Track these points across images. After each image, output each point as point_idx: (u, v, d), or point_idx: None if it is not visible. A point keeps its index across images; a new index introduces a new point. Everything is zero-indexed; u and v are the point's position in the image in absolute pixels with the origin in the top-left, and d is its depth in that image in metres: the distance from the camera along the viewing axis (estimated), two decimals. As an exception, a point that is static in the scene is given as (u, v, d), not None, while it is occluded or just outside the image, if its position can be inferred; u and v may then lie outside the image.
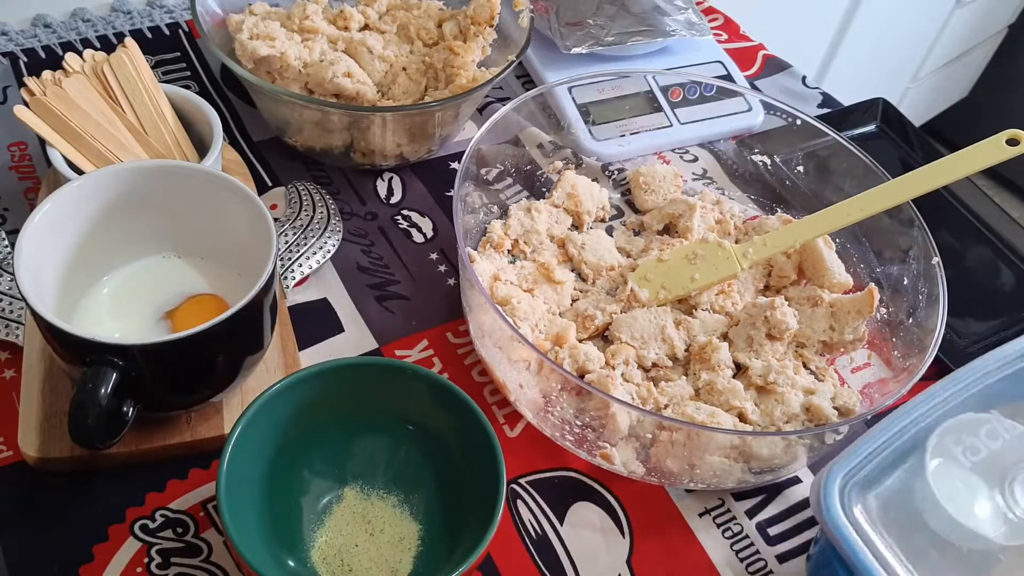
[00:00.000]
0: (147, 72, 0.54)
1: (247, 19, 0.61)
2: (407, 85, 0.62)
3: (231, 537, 0.37)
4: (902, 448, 0.41)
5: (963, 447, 0.41)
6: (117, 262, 0.48)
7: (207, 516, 0.45)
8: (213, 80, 0.69)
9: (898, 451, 0.41)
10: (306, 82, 0.60)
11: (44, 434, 0.44)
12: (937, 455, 0.41)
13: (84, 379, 0.38)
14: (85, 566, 0.42)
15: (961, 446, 0.41)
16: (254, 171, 0.62)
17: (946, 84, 1.73)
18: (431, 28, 0.65)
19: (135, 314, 0.46)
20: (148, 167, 0.46)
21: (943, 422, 0.41)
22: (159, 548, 0.43)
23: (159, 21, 0.73)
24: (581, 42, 0.71)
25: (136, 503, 0.45)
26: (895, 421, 0.41)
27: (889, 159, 0.72)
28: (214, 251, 0.48)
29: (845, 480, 0.40)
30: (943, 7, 1.47)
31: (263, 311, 0.43)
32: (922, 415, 0.41)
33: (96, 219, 0.45)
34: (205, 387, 0.44)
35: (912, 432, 0.41)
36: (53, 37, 0.70)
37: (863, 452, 0.40)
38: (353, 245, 0.59)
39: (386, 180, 0.64)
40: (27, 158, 0.60)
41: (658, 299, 0.55)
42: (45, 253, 0.43)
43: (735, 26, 0.85)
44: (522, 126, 0.65)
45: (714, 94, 0.68)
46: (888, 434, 0.41)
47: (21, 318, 0.49)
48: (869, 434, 0.41)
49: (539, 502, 0.48)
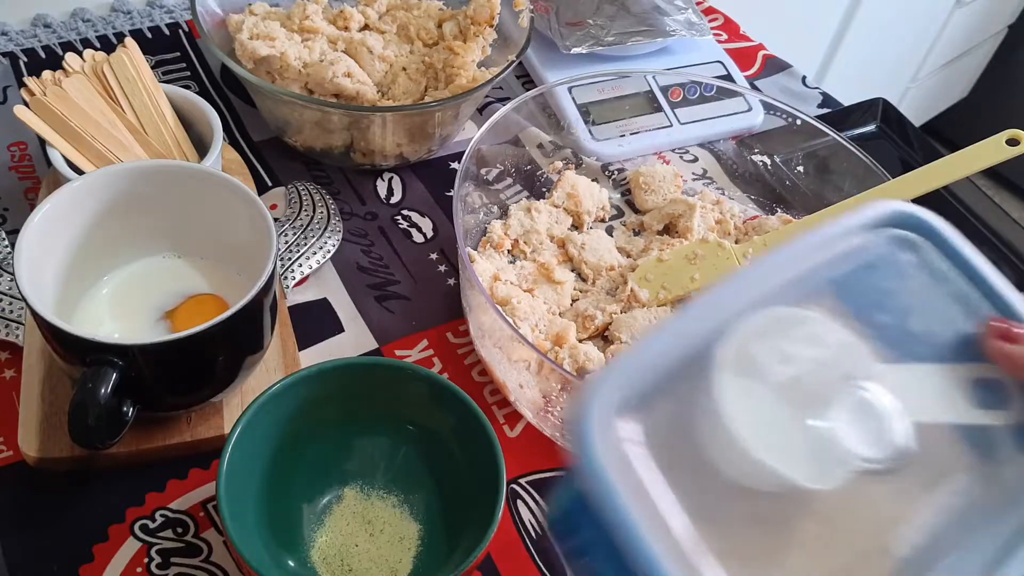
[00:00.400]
0: (147, 72, 0.54)
1: (247, 19, 0.61)
2: (407, 85, 0.62)
3: (231, 537, 0.37)
4: (690, 357, 0.29)
5: (768, 357, 0.29)
6: (117, 262, 0.48)
7: (207, 516, 0.45)
8: (213, 80, 0.69)
9: (685, 362, 0.29)
10: (306, 82, 0.60)
11: (44, 434, 0.44)
12: (732, 367, 0.29)
13: (84, 379, 0.38)
14: (85, 566, 0.42)
15: (765, 356, 0.29)
16: (254, 171, 0.62)
17: (946, 84, 1.73)
18: (431, 28, 0.65)
19: (135, 314, 0.46)
20: (148, 167, 0.46)
21: (741, 322, 0.29)
22: (159, 548, 0.43)
23: (159, 21, 0.73)
24: (581, 42, 0.71)
25: (136, 503, 0.45)
26: (682, 321, 0.29)
27: (889, 159, 0.72)
28: (214, 251, 0.48)
29: (611, 405, 0.27)
30: (943, 7, 1.47)
31: (263, 311, 0.43)
32: (715, 312, 0.29)
33: (96, 219, 0.45)
34: (205, 387, 0.44)
35: (703, 335, 0.29)
36: (53, 37, 0.70)
37: (635, 365, 0.28)
38: (353, 245, 0.59)
39: (386, 180, 0.64)
40: (27, 158, 0.60)
41: (658, 299, 0.55)
42: (45, 253, 0.43)
43: (735, 26, 0.85)
44: (522, 126, 0.65)
45: (714, 94, 0.68)
46: (671, 339, 0.29)
47: (21, 318, 0.49)
48: (647, 340, 0.29)
49: (539, 502, 0.48)
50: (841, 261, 0.31)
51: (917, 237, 0.32)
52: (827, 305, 0.31)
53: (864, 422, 0.29)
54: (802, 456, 0.28)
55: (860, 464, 0.28)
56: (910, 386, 0.30)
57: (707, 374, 0.29)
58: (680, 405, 0.29)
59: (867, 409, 0.29)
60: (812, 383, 0.29)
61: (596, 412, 0.26)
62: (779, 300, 0.30)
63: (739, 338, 0.29)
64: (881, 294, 0.32)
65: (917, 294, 0.32)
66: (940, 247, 0.32)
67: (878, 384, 0.29)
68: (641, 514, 0.25)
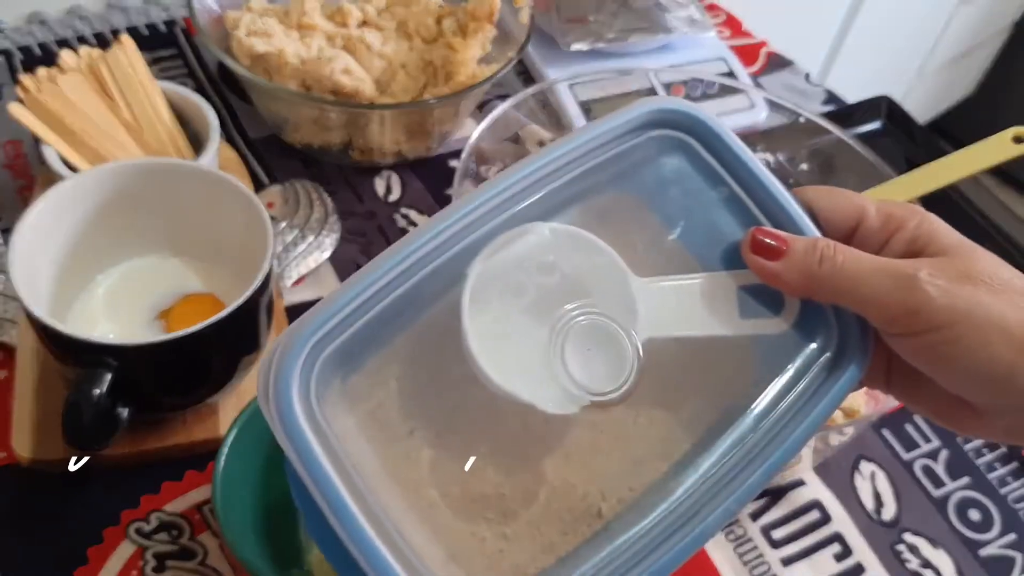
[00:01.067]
0: (143, 69, 0.53)
1: (244, 16, 0.60)
2: (406, 82, 0.62)
3: (228, 540, 0.36)
4: (415, 292, 0.26)
5: (514, 279, 0.27)
6: (112, 261, 0.47)
7: (202, 519, 0.44)
8: (210, 77, 0.68)
9: (411, 297, 0.26)
10: (304, 79, 0.59)
11: (38, 435, 0.44)
12: (477, 295, 0.26)
13: (78, 380, 0.38)
14: (79, 569, 0.42)
15: (511, 279, 0.27)
16: (251, 169, 0.62)
17: (951, 81, 1.72)
18: (430, 24, 0.64)
19: (130, 314, 0.46)
20: (144, 165, 0.45)
21: (481, 247, 0.27)
22: (154, 551, 0.43)
23: (155, 18, 0.72)
24: (582, 39, 0.70)
25: (131, 505, 0.44)
26: (402, 247, 0.26)
27: (894, 157, 0.71)
28: (210, 250, 0.48)
29: (317, 350, 0.25)
30: (947, 3, 1.47)
31: (259, 311, 0.43)
32: (447, 235, 0.26)
33: (91, 218, 0.45)
34: (200, 388, 0.44)
35: (437, 262, 0.26)
36: (49, 34, 0.69)
37: (339, 304, 0.25)
38: (351, 244, 0.58)
39: (384, 178, 0.63)
40: (22, 156, 0.60)
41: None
42: (39, 252, 0.43)
43: (737, 23, 0.84)
44: (522, 123, 0.64)
45: (717, 91, 0.67)
46: (383, 271, 0.26)
47: (15, 318, 0.49)
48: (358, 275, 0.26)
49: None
50: (602, 169, 0.29)
51: (685, 136, 0.30)
52: (585, 218, 0.28)
53: (603, 348, 0.27)
54: (541, 380, 0.26)
55: (593, 397, 0.27)
56: (667, 301, 0.28)
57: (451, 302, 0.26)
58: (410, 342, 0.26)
59: (605, 333, 0.27)
60: (553, 304, 0.27)
61: (298, 365, 0.24)
62: (534, 215, 0.27)
63: (485, 263, 0.27)
64: (646, 202, 0.29)
65: (684, 200, 0.29)
66: (709, 146, 0.30)
67: (629, 301, 0.27)
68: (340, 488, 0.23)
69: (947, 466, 0.52)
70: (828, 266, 0.27)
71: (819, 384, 0.28)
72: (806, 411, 0.27)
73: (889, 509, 0.50)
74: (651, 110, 0.29)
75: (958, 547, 0.49)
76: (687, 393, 0.28)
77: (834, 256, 0.27)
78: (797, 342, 0.28)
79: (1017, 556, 0.49)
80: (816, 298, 0.28)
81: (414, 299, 0.26)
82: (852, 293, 0.27)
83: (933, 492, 0.51)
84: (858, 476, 0.51)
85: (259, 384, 0.25)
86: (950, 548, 0.49)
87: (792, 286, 0.28)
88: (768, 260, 0.28)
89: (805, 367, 0.28)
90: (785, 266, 0.28)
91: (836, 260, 0.27)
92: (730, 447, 0.27)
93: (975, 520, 0.50)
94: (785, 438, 0.27)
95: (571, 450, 0.27)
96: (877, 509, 0.50)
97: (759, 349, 0.28)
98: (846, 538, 0.48)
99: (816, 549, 0.48)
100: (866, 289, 0.26)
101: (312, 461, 0.24)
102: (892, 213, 0.28)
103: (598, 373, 0.27)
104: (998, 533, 0.50)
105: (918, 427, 0.54)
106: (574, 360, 0.27)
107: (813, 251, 0.27)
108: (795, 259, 0.27)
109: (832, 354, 0.28)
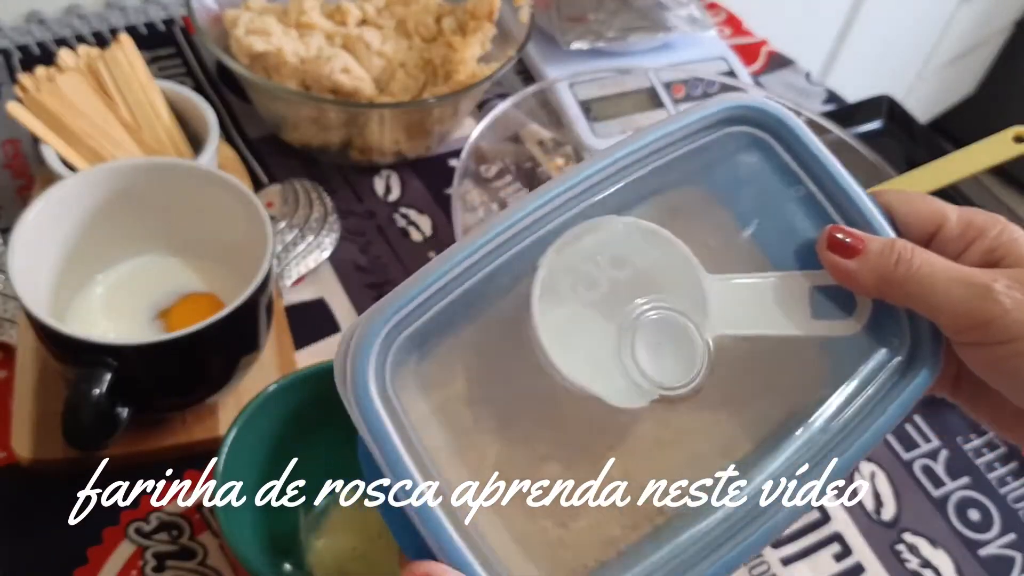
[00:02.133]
0: (142, 68, 0.53)
1: (243, 14, 0.60)
2: (405, 81, 0.62)
3: (228, 540, 0.36)
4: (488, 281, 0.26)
5: (586, 274, 0.27)
6: (111, 261, 0.47)
7: (202, 519, 0.44)
8: (209, 76, 0.68)
9: (481, 286, 0.26)
10: (303, 78, 0.59)
11: (37, 435, 0.44)
12: (548, 287, 0.27)
13: (78, 380, 0.38)
14: (79, 569, 0.42)
15: (583, 272, 0.27)
16: (250, 168, 0.62)
17: (952, 81, 1.72)
18: (430, 23, 0.64)
19: (129, 314, 0.46)
20: (143, 164, 0.45)
21: (555, 239, 0.27)
22: (154, 551, 0.43)
23: (154, 17, 0.72)
24: (582, 37, 0.70)
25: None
26: (474, 240, 0.26)
27: (895, 156, 0.71)
28: (209, 250, 0.48)
29: (392, 336, 0.25)
30: (948, 3, 1.46)
31: (259, 311, 0.43)
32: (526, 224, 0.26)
33: (90, 217, 0.45)
34: (200, 388, 0.44)
35: (510, 253, 0.26)
36: (47, 33, 0.69)
37: (415, 291, 0.26)
38: (351, 244, 0.58)
39: (384, 178, 0.63)
40: (21, 156, 0.60)
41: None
42: (39, 252, 0.43)
43: (737, 21, 0.84)
44: (522, 123, 0.64)
45: (717, 91, 0.67)
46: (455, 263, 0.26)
47: (14, 317, 0.49)
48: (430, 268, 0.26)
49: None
50: (678, 164, 0.28)
51: (763, 134, 0.29)
52: (658, 213, 0.28)
53: (673, 343, 0.27)
54: (610, 376, 0.26)
55: (662, 392, 0.27)
56: (739, 298, 0.28)
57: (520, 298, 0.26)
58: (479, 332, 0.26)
59: (675, 328, 0.27)
60: (624, 298, 0.27)
61: (375, 348, 0.25)
62: (607, 209, 0.27)
63: (557, 256, 0.27)
64: (720, 199, 0.29)
65: (759, 198, 0.29)
66: (787, 145, 0.29)
67: (701, 298, 0.27)
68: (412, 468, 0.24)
69: (947, 466, 0.52)
70: (903, 268, 0.26)
71: (889, 388, 0.27)
72: (875, 415, 0.27)
73: (889, 509, 0.50)
74: (730, 107, 0.29)
75: (958, 547, 0.49)
76: (755, 391, 0.28)
77: (911, 259, 0.27)
78: (868, 344, 0.28)
79: (1017, 556, 0.49)
80: (889, 300, 0.27)
81: (486, 289, 0.26)
82: (925, 298, 0.26)
83: (933, 492, 0.51)
84: (858, 476, 0.51)
85: (336, 366, 0.25)
86: (950, 548, 0.49)
87: (865, 286, 0.27)
88: (843, 258, 0.27)
89: (876, 370, 0.28)
90: (860, 265, 0.27)
91: (912, 263, 0.26)
92: (798, 449, 0.27)
93: (975, 520, 0.50)
94: (853, 442, 0.27)
95: (635, 445, 0.27)
96: (877, 509, 0.50)
97: (829, 350, 0.28)
98: (846, 538, 0.48)
99: (816, 549, 0.48)
100: (940, 296, 0.26)
101: (386, 442, 0.24)
102: (972, 220, 0.28)
103: (667, 368, 0.27)
104: (998, 533, 0.50)
105: (918, 427, 0.54)
106: (644, 354, 0.27)
107: (890, 252, 0.27)
108: (870, 258, 0.27)
109: (903, 358, 0.28)
